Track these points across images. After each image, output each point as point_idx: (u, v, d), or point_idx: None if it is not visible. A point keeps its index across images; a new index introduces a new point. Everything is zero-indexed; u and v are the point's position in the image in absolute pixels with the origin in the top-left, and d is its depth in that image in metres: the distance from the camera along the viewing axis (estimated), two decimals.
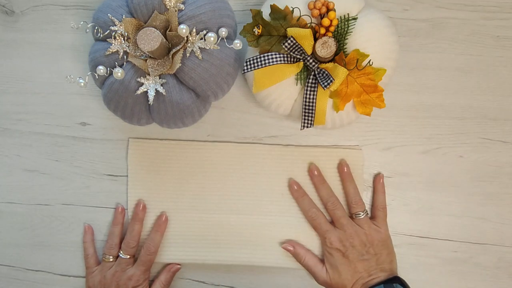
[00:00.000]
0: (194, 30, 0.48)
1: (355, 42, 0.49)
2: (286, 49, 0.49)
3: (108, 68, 0.49)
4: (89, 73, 0.50)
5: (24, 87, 0.60)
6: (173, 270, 0.58)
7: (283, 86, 0.51)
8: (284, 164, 0.58)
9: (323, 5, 0.48)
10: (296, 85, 0.51)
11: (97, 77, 0.50)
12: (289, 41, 0.48)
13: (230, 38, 0.50)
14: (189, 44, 0.48)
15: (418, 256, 0.58)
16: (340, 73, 0.48)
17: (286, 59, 0.49)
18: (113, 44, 0.49)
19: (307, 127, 0.51)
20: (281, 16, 0.49)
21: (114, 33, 0.48)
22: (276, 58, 0.49)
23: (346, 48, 0.50)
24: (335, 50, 0.48)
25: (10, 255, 0.59)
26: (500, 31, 0.58)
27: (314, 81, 0.49)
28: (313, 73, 0.49)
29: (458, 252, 0.57)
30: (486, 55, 0.58)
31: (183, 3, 0.48)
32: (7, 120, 0.60)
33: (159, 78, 0.49)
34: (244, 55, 0.54)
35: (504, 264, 0.57)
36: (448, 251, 0.58)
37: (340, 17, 0.49)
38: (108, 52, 0.49)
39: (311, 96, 0.50)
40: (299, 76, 0.51)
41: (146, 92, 0.49)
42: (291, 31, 0.48)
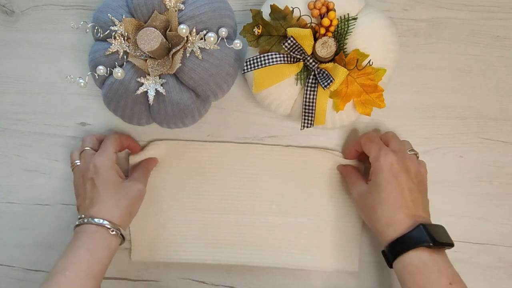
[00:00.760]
0: (194, 30, 0.48)
1: (355, 42, 0.49)
2: (286, 49, 0.49)
3: (108, 68, 0.49)
4: (89, 73, 0.50)
5: (24, 87, 0.59)
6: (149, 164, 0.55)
7: (283, 86, 0.51)
8: (284, 164, 0.58)
9: (323, 5, 0.48)
10: (296, 85, 0.51)
11: (97, 77, 0.50)
12: (289, 41, 0.48)
13: (230, 38, 0.50)
14: (189, 44, 0.48)
15: None
16: (340, 73, 0.48)
17: (286, 59, 0.49)
18: (113, 44, 0.49)
19: (307, 127, 0.51)
20: (281, 16, 0.49)
21: (114, 33, 0.48)
22: (276, 58, 0.49)
23: (346, 48, 0.50)
24: (335, 50, 0.48)
25: (10, 255, 0.59)
26: (500, 31, 0.58)
27: (314, 81, 0.49)
28: (313, 73, 0.49)
29: (459, 252, 0.57)
30: (486, 55, 0.58)
31: (183, 3, 0.48)
32: (7, 120, 0.60)
33: (159, 78, 0.49)
34: (244, 55, 0.54)
35: (504, 264, 0.57)
36: (448, 251, 0.57)
37: (340, 17, 0.49)
38: (108, 52, 0.49)
39: (311, 96, 0.50)
40: (299, 76, 0.51)
41: (146, 92, 0.49)
42: (291, 31, 0.48)
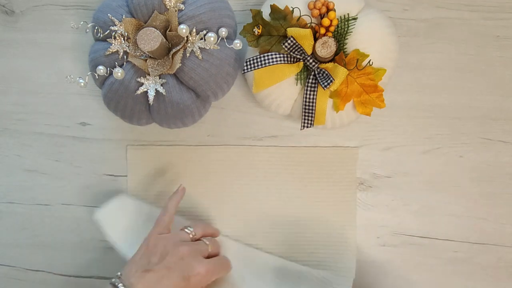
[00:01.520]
0: (194, 30, 0.48)
1: (355, 42, 0.49)
2: (286, 49, 0.49)
3: (108, 68, 0.49)
4: (89, 73, 0.50)
5: (24, 87, 0.60)
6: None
7: (283, 86, 0.51)
8: (284, 164, 0.58)
9: (323, 5, 0.48)
10: (296, 85, 0.51)
11: (97, 77, 0.50)
12: (289, 41, 0.48)
13: (230, 38, 0.50)
14: (189, 44, 0.48)
15: (419, 256, 0.58)
16: (340, 73, 0.48)
17: (286, 59, 0.49)
18: (113, 44, 0.49)
19: (307, 127, 0.51)
20: (281, 16, 0.49)
21: (114, 33, 0.48)
22: (276, 58, 0.49)
23: (346, 48, 0.50)
24: (335, 50, 0.48)
25: (10, 255, 0.59)
26: (500, 31, 0.58)
27: (314, 81, 0.49)
28: (313, 73, 0.49)
29: (459, 252, 0.57)
30: (486, 55, 0.58)
31: (183, 3, 0.48)
32: (7, 120, 0.60)
33: (159, 78, 0.49)
34: (244, 55, 0.54)
35: (504, 264, 0.57)
36: (449, 251, 0.57)
37: (340, 17, 0.49)
38: (108, 52, 0.49)
39: (311, 96, 0.50)
40: (299, 76, 0.51)
41: (146, 92, 0.49)
42: (291, 31, 0.48)
